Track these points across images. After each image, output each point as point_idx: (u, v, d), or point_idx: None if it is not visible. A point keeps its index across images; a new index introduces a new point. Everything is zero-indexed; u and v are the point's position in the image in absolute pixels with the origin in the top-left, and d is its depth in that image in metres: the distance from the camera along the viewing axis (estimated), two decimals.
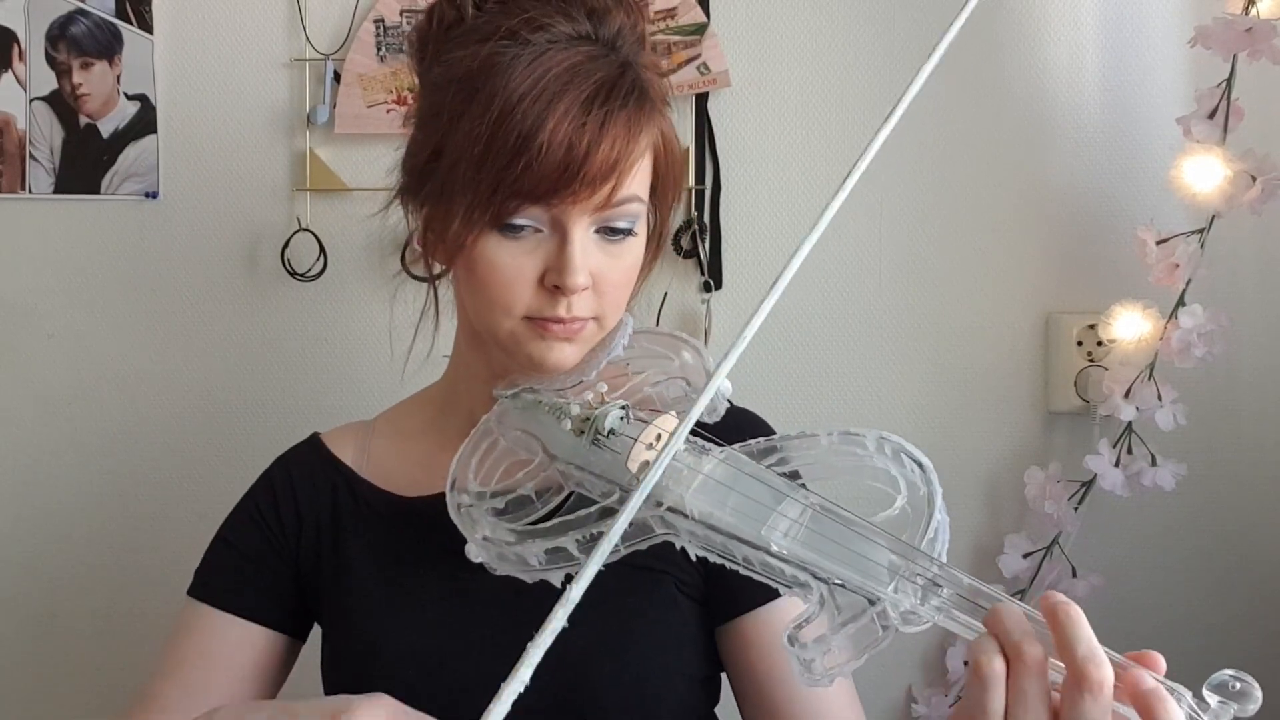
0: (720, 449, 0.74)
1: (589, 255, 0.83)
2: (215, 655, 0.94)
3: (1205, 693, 0.57)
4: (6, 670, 1.39)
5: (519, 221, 0.81)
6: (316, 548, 0.95)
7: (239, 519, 0.99)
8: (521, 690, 0.60)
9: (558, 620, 0.61)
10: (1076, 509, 1.33)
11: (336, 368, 1.38)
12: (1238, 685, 0.57)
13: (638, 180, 0.84)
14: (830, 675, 0.64)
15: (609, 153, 0.79)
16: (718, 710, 0.94)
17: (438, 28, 0.86)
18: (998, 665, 0.59)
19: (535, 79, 0.79)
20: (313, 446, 1.01)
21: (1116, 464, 1.30)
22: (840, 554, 0.65)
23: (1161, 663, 0.60)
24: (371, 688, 0.88)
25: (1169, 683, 0.58)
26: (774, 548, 0.67)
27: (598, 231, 0.83)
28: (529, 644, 0.60)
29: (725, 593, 0.88)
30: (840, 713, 0.86)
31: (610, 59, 0.83)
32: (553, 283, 0.82)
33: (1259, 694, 0.57)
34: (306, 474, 0.99)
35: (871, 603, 0.63)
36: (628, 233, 0.84)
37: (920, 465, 0.69)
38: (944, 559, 0.65)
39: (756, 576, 0.69)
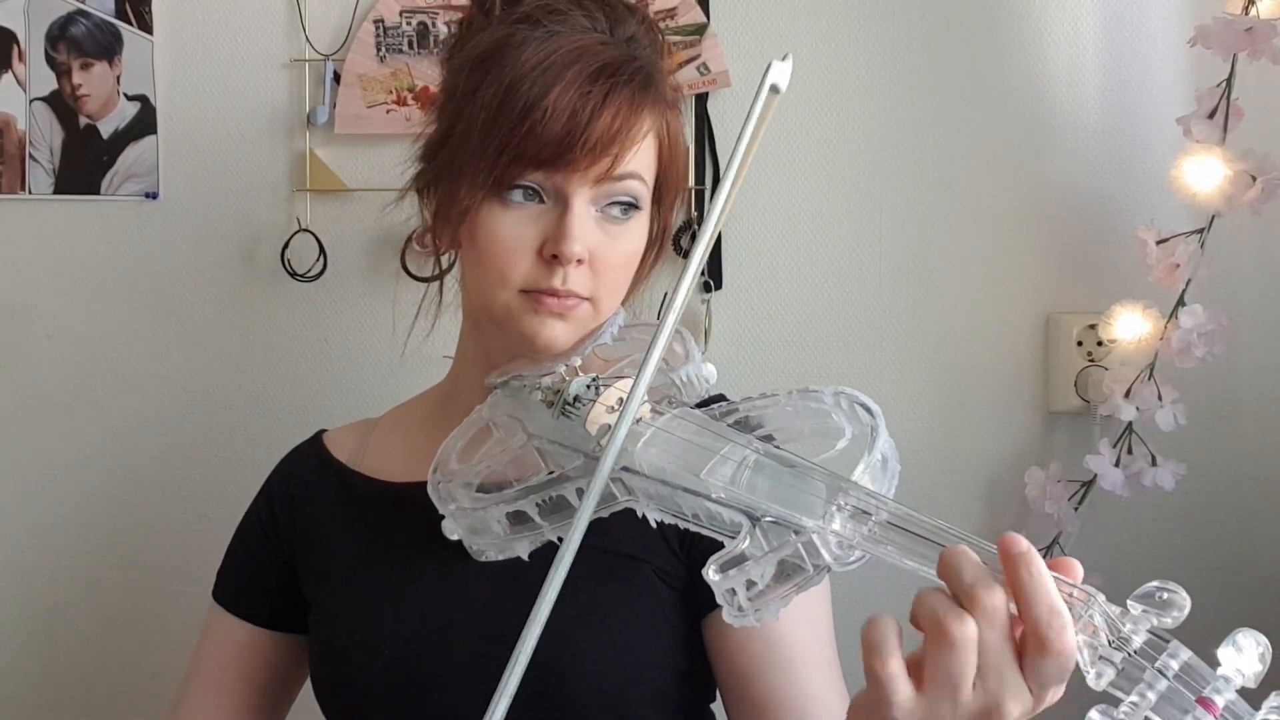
0: (676, 408, 0.75)
1: (588, 229, 0.84)
2: (227, 658, 0.99)
3: (1129, 602, 0.55)
4: (8, 670, 1.39)
5: (522, 184, 0.83)
6: (308, 543, 0.96)
7: (244, 523, 1.03)
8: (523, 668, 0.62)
9: (552, 590, 0.63)
10: (1077, 509, 1.33)
11: (337, 368, 1.38)
12: (1164, 595, 0.55)
13: (640, 160, 0.85)
14: (758, 613, 0.63)
15: (611, 122, 0.81)
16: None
17: (463, 26, 0.90)
18: (969, 627, 0.56)
19: (545, 54, 0.82)
20: (313, 445, 1.03)
21: (1117, 464, 1.30)
22: (775, 491, 0.65)
23: (1078, 569, 0.58)
24: (352, 673, 0.89)
25: (1083, 585, 0.56)
26: (714, 493, 0.67)
27: (599, 210, 0.85)
28: (527, 621, 0.63)
29: (707, 583, 0.88)
30: (824, 707, 0.84)
31: (621, 49, 0.85)
32: (550, 251, 0.83)
33: (1185, 603, 0.55)
34: (303, 473, 1.00)
35: (796, 532, 0.62)
36: (632, 208, 0.86)
37: (869, 410, 0.70)
38: (891, 494, 0.64)
39: (705, 532, 0.69)
